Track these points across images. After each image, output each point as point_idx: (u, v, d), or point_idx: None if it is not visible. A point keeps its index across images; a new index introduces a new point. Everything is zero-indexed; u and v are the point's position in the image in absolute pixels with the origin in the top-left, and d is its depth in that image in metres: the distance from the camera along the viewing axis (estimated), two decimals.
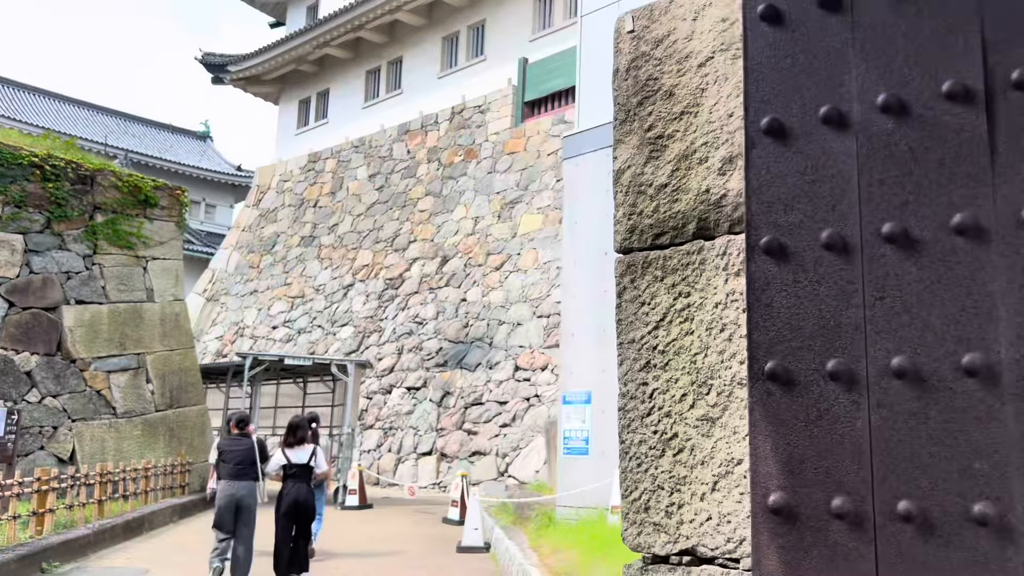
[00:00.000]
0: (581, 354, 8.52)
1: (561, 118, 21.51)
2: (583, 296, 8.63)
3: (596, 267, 8.54)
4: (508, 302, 19.78)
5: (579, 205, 8.90)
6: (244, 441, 8.41)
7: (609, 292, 8.08)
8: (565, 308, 8.80)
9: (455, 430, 18.33)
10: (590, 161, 8.73)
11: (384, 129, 26.98)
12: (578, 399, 8.46)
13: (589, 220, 8.75)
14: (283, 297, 26.65)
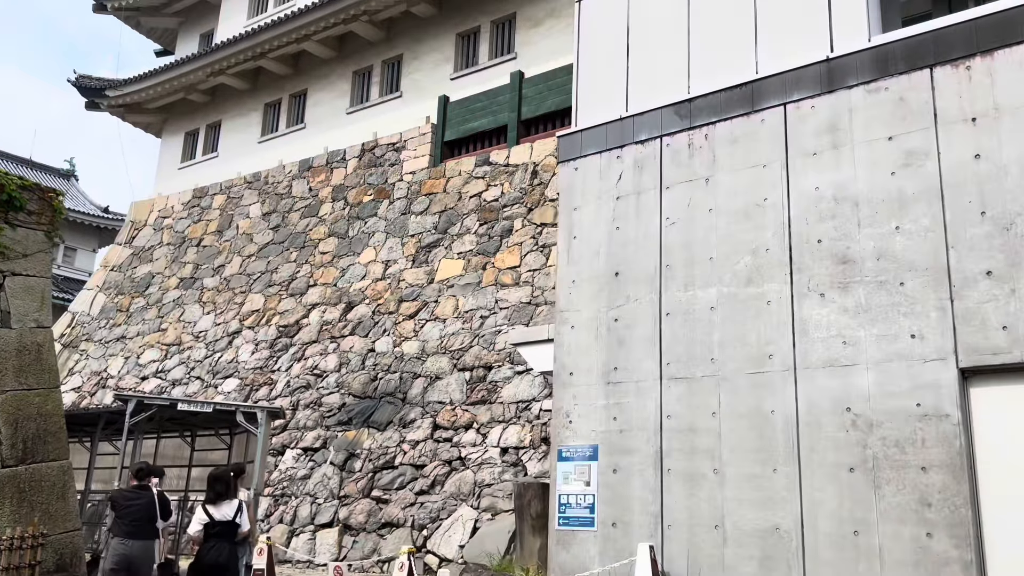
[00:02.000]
0: (583, 398, 6.77)
1: (486, 159, 20.04)
2: (585, 326, 6.94)
3: (601, 290, 6.90)
4: (424, 353, 17.78)
5: (579, 216, 7.27)
6: (143, 495, 7.58)
7: (623, 320, 6.45)
8: (560, 341, 7.07)
9: (361, 498, 15.97)
10: (592, 164, 7.19)
11: (283, 165, 24.75)
12: (579, 455, 6.69)
13: (592, 234, 7.13)
14: (156, 344, 23.58)
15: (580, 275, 7.06)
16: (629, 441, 6.41)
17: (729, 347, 6.13)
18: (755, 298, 6.12)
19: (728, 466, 5.90)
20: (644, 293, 6.62)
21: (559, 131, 19.37)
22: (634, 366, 6.56)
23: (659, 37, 7.07)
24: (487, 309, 17.68)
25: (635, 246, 6.84)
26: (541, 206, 18.36)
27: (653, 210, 6.82)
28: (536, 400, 15.28)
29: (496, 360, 16.49)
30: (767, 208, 6.26)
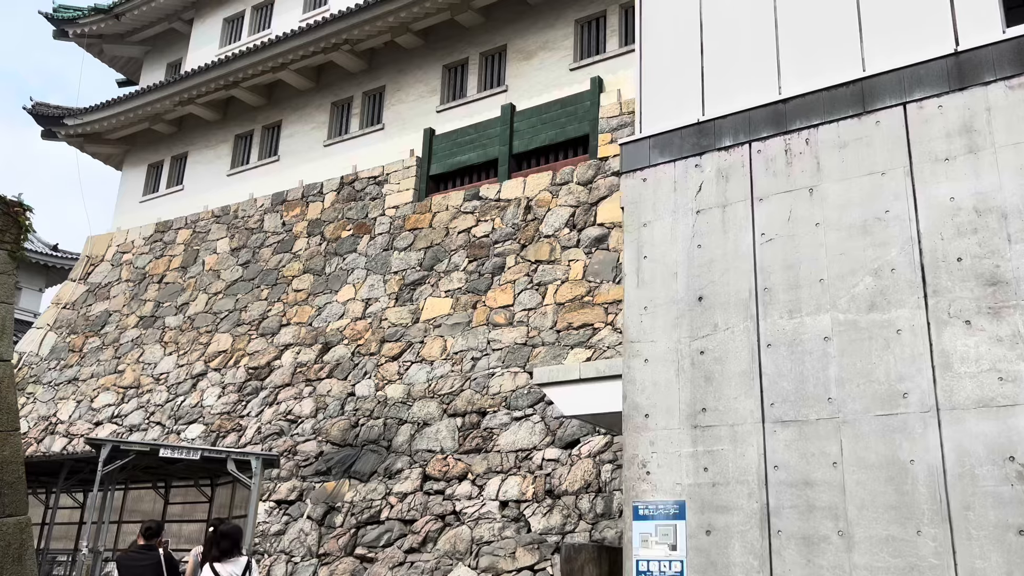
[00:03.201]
0: (663, 444, 5.73)
1: (475, 193, 19.09)
2: (662, 359, 5.92)
3: (681, 317, 5.91)
4: (410, 397, 16.54)
5: (650, 233, 6.30)
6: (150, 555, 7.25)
7: (710, 352, 5.48)
8: (631, 377, 6.03)
9: (344, 556, 14.55)
10: (664, 174, 6.26)
11: (254, 198, 23.50)
12: (661, 513, 5.61)
13: (668, 253, 6.15)
14: (112, 387, 21.90)
15: (654, 300, 6.07)
16: (725, 496, 5.38)
17: (850, 384, 5.18)
18: (881, 326, 5.20)
19: (856, 527, 4.90)
20: (737, 321, 5.65)
21: (555, 165, 18.65)
22: (727, 406, 5.56)
23: (739, 33, 6.25)
24: (478, 350, 16.56)
25: (723, 266, 5.88)
26: (536, 242, 17.41)
27: (743, 225, 5.89)
28: (537, 449, 14.14)
29: (491, 405, 15.34)
30: (889, 221, 5.38)
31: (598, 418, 9.36)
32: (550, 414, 14.50)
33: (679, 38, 6.42)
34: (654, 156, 6.23)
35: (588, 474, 13.17)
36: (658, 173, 6.28)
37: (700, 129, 6.14)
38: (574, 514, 12.84)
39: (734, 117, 6.02)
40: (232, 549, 7.50)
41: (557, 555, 12.51)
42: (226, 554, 7.42)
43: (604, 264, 16.17)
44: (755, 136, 5.91)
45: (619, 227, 16.48)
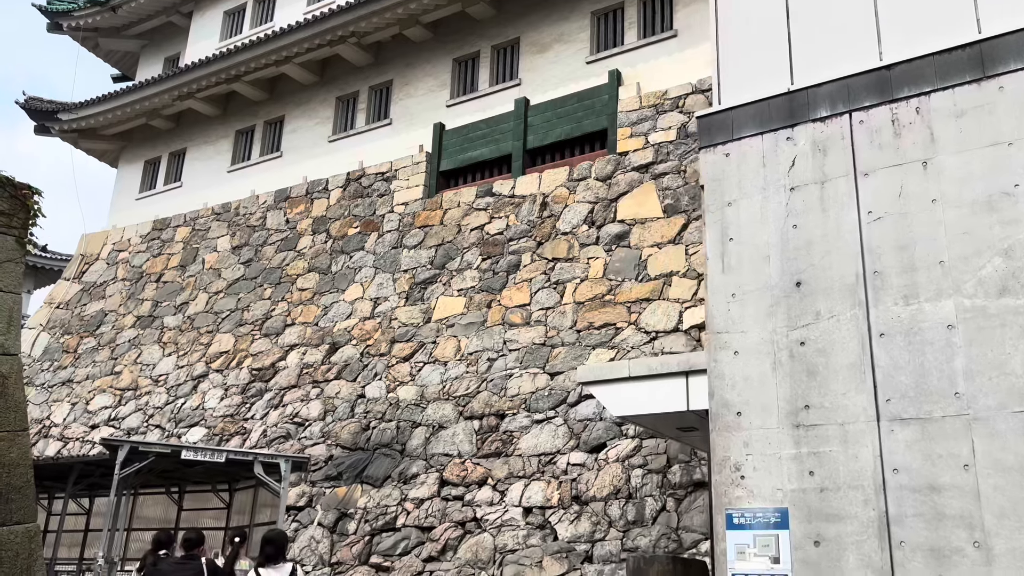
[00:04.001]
0: (759, 445, 5.15)
1: (488, 189, 18.50)
2: (755, 352, 5.35)
3: (776, 305, 5.33)
4: (424, 399, 15.91)
5: (736, 213, 5.74)
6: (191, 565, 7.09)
7: (813, 343, 4.86)
8: (719, 372, 5.46)
9: (358, 565, 13.90)
10: (751, 149, 5.70)
11: (256, 195, 22.82)
12: (760, 521, 5.03)
13: (758, 234, 5.59)
14: (109, 389, 21.16)
15: (743, 287, 5.50)
16: (836, 503, 4.81)
17: (981, 377, 4.63)
18: (1015, 312, 4.65)
19: (996, 538, 4.35)
20: (843, 308, 5.09)
21: (572, 160, 18.09)
22: (835, 403, 4.99)
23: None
24: (494, 351, 15.96)
25: (823, 248, 5.33)
26: (552, 239, 16.84)
27: (846, 202, 5.34)
28: (561, 453, 13.54)
29: (510, 407, 14.73)
30: (1019, 197, 4.83)
31: (651, 420, 8.77)
32: (573, 417, 13.92)
33: (761, 2, 5.88)
34: (738, 129, 5.68)
35: (617, 479, 12.58)
36: (743, 147, 5.73)
37: (791, 99, 5.60)
38: (604, 521, 12.25)
39: (830, 86, 5.48)
40: (277, 555, 7.44)
41: (587, 564, 11.91)
42: (271, 559, 7.36)
43: (625, 262, 15.61)
44: (856, 105, 5.38)
45: (640, 224, 15.93)
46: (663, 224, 15.61)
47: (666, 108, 16.79)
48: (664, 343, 14.10)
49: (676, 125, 16.47)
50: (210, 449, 9.59)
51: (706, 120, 5.93)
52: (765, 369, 5.27)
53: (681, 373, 8.20)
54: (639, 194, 16.25)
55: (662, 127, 16.65)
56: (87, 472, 9.91)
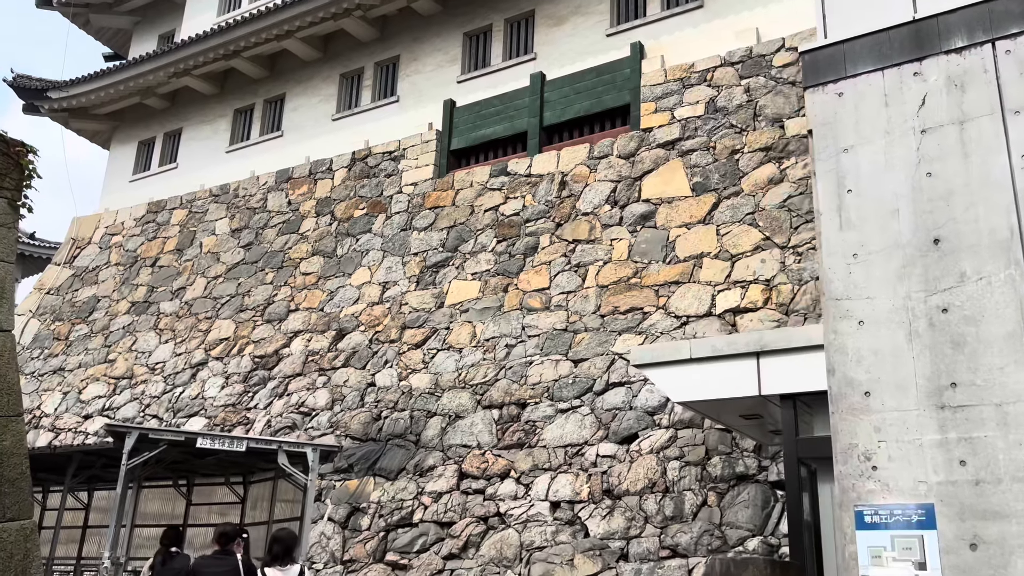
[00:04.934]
0: (895, 430, 4.35)
1: (503, 168, 17.63)
2: (885, 321, 4.55)
3: (910, 266, 4.54)
4: (438, 388, 15.07)
5: (854, 160, 4.94)
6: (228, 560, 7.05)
7: (958, 310, 4.09)
8: (839, 345, 4.66)
9: (372, 563, 13.07)
10: (870, 86, 4.91)
11: (256, 176, 21.89)
12: (899, 520, 4.25)
13: (883, 184, 4.79)
14: (102, 378, 20.23)
15: (867, 246, 4.71)
16: (996, 498, 4.03)
17: None
18: None
19: None
20: (994, 268, 4.30)
21: (592, 137, 17.24)
22: (989, 380, 4.20)
23: None
24: (512, 337, 15.13)
25: (966, 199, 4.53)
26: (572, 220, 16.00)
27: (993, 145, 4.55)
28: (589, 444, 12.73)
29: (531, 396, 13.91)
30: None
31: (714, 407, 7.97)
32: (600, 406, 13.11)
33: None
34: (852, 64, 4.89)
35: (652, 472, 11.78)
36: (859, 85, 4.94)
37: (917, 29, 4.81)
38: (639, 517, 11.45)
39: (966, 12, 4.70)
40: (284, 555, 7.26)
41: (623, 563, 11.11)
42: (277, 559, 7.19)
43: (652, 243, 14.79)
44: (1000, 33, 4.59)
45: (667, 203, 15.10)
46: (692, 203, 14.80)
47: (693, 82, 15.95)
48: (696, 328, 13.30)
49: (704, 99, 15.64)
50: (229, 437, 8.70)
51: (811, 56, 5.12)
52: (898, 341, 4.49)
53: (751, 354, 7.41)
54: (665, 172, 15.42)
55: (689, 101, 15.81)
56: (87, 463, 9.04)
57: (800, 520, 6.94)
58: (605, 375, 13.48)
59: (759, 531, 10.51)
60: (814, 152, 5.06)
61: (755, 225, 13.90)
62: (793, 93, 14.75)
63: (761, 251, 13.56)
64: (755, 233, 13.81)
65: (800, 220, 13.53)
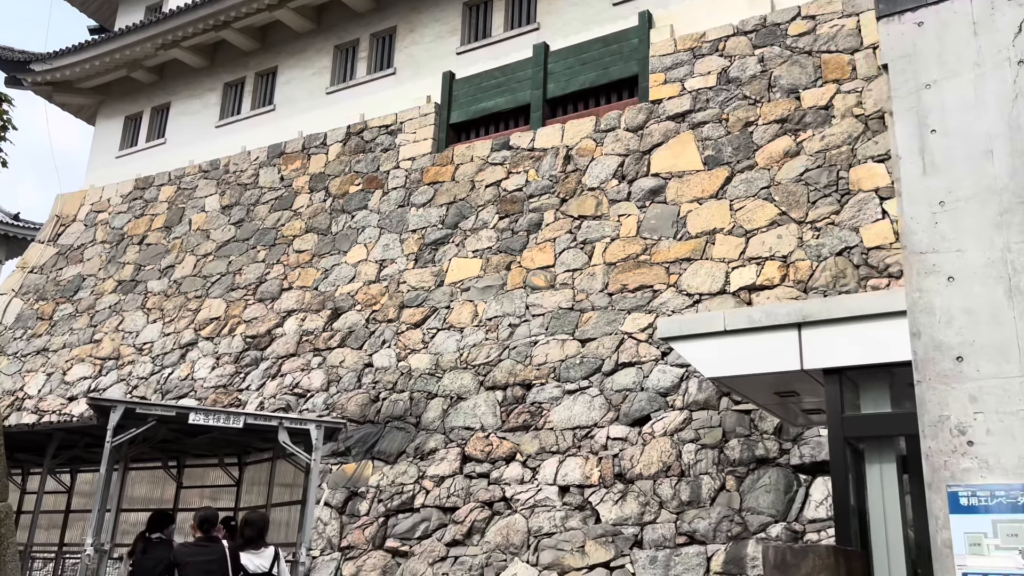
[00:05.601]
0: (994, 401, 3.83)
1: (505, 142, 17.00)
2: (979, 276, 4.02)
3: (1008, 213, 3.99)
4: (439, 368, 14.50)
5: (938, 97, 4.39)
6: (214, 548, 6.54)
7: None
8: (925, 304, 4.13)
9: (372, 549, 12.52)
10: (955, 14, 4.36)
11: (247, 151, 21.18)
12: (1004, 503, 3.73)
13: (973, 123, 4.24)
14: (88, 358, 19.56)
15: (955, 192, 4.16)
16: None
17: None
18: None
19: None
20: None
21: (598, 110, 16.62)
22: None
23: None
24: (516, 316, 14.55)
25: None
26: (578, 196, 15.41)
27: None
28: (599, 426, 12.18)
29: (537, 376, 13.36)
30: None
31: (748, 383, 7.40)
32: (609, 387, 12.56)
33: None
34: None
35: (666, 455, 11.25)
36: (943, 13, 4.40)
37: None
38: (653, 502, 10.92)
39: None
40: (257, 538, 7.13)
41: (637, 549, 10.59)
42: (251, 543, 7.02)
43: (662, 218, 14.22)
44: None
45: (678, 177, 14.52)
46: (704, 177, 14.23)
47: (704, 52, 15.35)
48: (709, 307, 12.75)
49: (716, 70, 15.05)
50: (225, 412, 8.03)
51: None
52: (996, 298, 3.96)
53: (792, 325, 6.83)
54: (675, 145, 14.84)
55: (700, 72, 15.22)
56: (69, 443, 8.38)
57: (846, 505, 6.40)
58: (614, 355, 12.93)
59: (782, 517, 10.00)
60: (891, 89, 4.52)
61: (771, 200, 13.36)
62: (810, 63, 14.18)
63: (777, 226, 13.02)
64: (770, 208, 13.27)
65: (818, 194, 12.99)
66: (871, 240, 12.13)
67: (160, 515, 8.62)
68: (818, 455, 10.30)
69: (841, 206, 12.70)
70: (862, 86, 13.52)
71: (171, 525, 7.77)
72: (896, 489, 6.41)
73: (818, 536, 9.65)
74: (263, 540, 7.28)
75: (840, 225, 12.50)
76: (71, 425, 8.60)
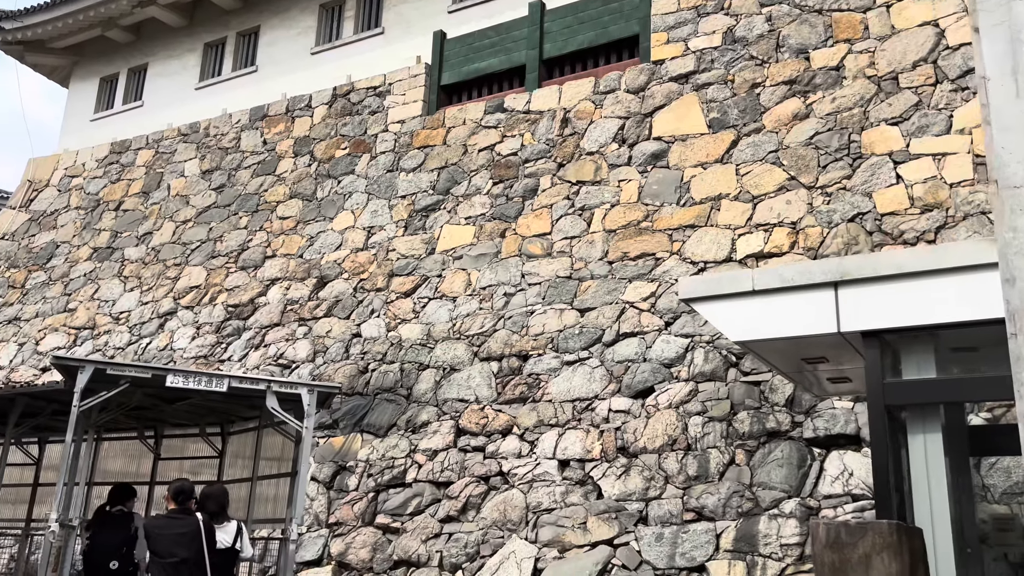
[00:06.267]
0: None
1: (499, 104, 16.33)
2: None
3: None
4: (431, 339, 13.92)
5: None
6: (187, 521, 6.18)
7: None
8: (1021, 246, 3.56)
9: (361, 526, 11.97)
10: None
11: (228, 114, 20.36)
12: None
13: None
14: (61, 328, 18.81)
15: None
16: None
17: None
18: None
19: None
20: None
21: (597, 71, 15.97)
22: None
23: None
24: (511, 285, 13.98)
25: None
26: (576, 160, 14.80)
27: None
28: (600, 398, 11.66)
29: (534, 347, 12.81)
30: None
31: (777, 348, 6.88)
32: (611, 358, 12.03)
33: None
34: None
35: (671, 428, 10.75)
36: None
37: None
38: (659, 477, 10.43)
39: None
40: (220, 512, 6.95)
41: (642, 526, 10.10)
42: (214, 518, 6.83)
43: (664, 184, 13.65)
44: None
45: (681, 141, 13.94)
46: (708, 141, 13.65)
47: (709, 10, 14.72)
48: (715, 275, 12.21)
49: (722, 29, 14.43)
50: (206, 374, 7.32)
51: None
52: None
53: (828, 284, 6.30)
54: (679, 107, 14.24)
55: (704, 31, 14.59)
56: (35, 410, 7.66)
57: (887, 479, 5.91)
58: (615, 325, 12.39)
59: (795, 492, 9.54)
60: (976, 1, 3.97)
61: (779, 164, 12.81)
62: (820, 22, 13.60)
63: (786, 192, 12.49)
64: (779, 172, 12.72)
65: (828, 158, 12.46)
66: (885, 206, 11.63)
67: (121, 487, 8.13)
68: (832, 428, 9.83)
69: (853, 170, 12.18)
70: (875, 46, 12.96)
71: (133, 498, 7.28)
72: (941, 461, 5.93)
73: (834, 512, 9.20)
74: (225, 514, 7.10)
75: (852, 190, 11.99)
76: (35, 389, 7.90)
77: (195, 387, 7.03)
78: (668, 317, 12.05)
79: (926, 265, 6.02)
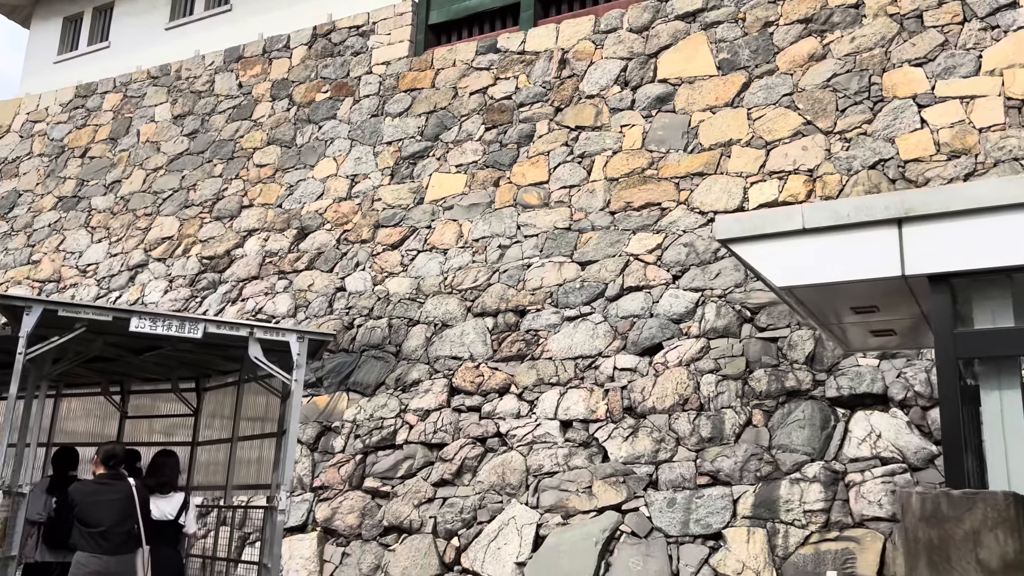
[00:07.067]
0: None
1: (492, 45, 15.35)
2: None
3: None
4: (420, 293, 13.10)
5: None
6: (118, 486, 5.57)
7: None
8: None
9: (348, 490, 11.24)
10: None
11: (201, 56, 19.18)
12: None
13: None
14: (25, 281, 17.75)
15: None
16: None
17: None
18: None
19: None
20: None
21: (597, 9, 15.02)
22: None
23: None
24: (506, 237, 13.17)
25: None
26: (575, 104, 13.91)
27: None
28: (604, 355, 10.95)
29: (532, 302, 12.03)
30: None
31: (825, 295, 6.16)
32: (615, 313, 11.30)
33: None
34: None
35: (682, 387, 10.06)
36: None
37: None
38: (669, 438, 9.76)
39: None
40: (167, 483, 6.60)
41: (652, 491, 9.44)
42: (161, 487, 6.48)
43: (670, 129, 12.83)
44: None
45: (688, 83, 13.09)
46: (718, 83, 12.82)
47: None
48: None
49: None
50: (179, 317, 6.24)
51: None
52: None
53: (890, 221, 5.54)
54: (686, 47, 13.37)
55: None
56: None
57: (959, 440, 5.23)
58: (619, 278, 11.64)
59: (819, 455, 8.91)
60: None
61: (794, 108, 12.02)
62: None
63: (802, 137, 11.72)
64: (794, 117, 11.94)
65: (848, 101, 11.68)
66: (908, 152, 10.90)
67: (65, 451, 7.43)
68: (857, 387, 9.18)
69: (874, 115, 11.42)
70: None
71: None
72: (1021, 420, 5.27)
73: (862, 476, 8.57)
74: (173, 485, 6.77)
75: (873, 135, 11.24)
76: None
77: (164, 332, 6.06)
78: (676, 270, 11.31)
79: (1007, 199, 5.29)
